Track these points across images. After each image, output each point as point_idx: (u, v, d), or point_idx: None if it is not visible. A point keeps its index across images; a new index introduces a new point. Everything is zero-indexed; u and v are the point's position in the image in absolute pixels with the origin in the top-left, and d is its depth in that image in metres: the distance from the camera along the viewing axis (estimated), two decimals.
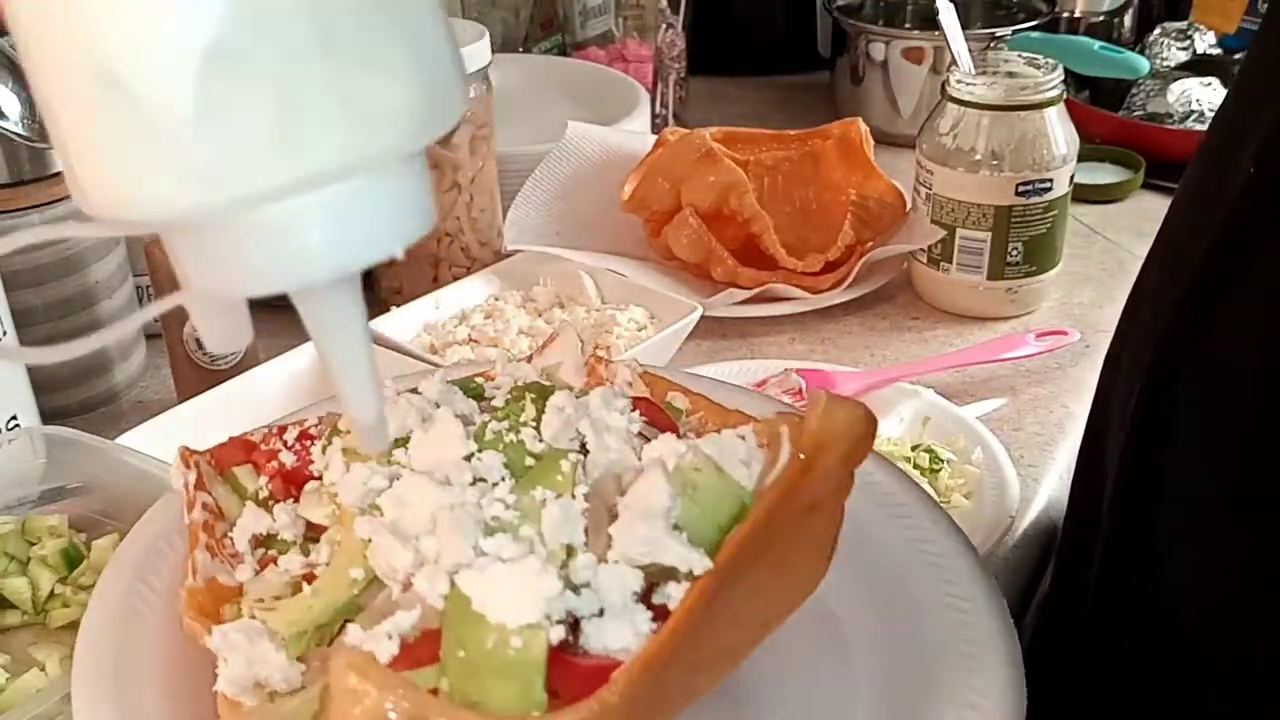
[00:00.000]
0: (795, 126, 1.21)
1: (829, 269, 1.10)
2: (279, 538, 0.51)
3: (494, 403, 0.52)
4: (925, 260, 1.12)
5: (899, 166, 1.20)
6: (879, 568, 0.55)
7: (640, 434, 0.49)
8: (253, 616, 0.47)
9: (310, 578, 0.48)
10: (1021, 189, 1.06)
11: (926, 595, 0.54)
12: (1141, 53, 1.53)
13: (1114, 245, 1.26)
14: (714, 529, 0.44)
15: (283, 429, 0.55)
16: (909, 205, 1.14)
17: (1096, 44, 1.51)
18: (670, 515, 0.43)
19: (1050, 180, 1.06)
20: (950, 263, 1.10)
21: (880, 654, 0.53)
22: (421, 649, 0.42)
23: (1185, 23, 1.59)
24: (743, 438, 0.47)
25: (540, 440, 0.48)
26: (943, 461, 0.87)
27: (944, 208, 1.09)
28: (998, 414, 0.97)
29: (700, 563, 0.42)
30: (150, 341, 1.01)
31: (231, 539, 0.51)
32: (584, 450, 0.48)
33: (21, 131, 0.84)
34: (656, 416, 0.52)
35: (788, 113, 1.57)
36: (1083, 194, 1.27)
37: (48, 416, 0.87)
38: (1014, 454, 0.89)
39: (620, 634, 0.41)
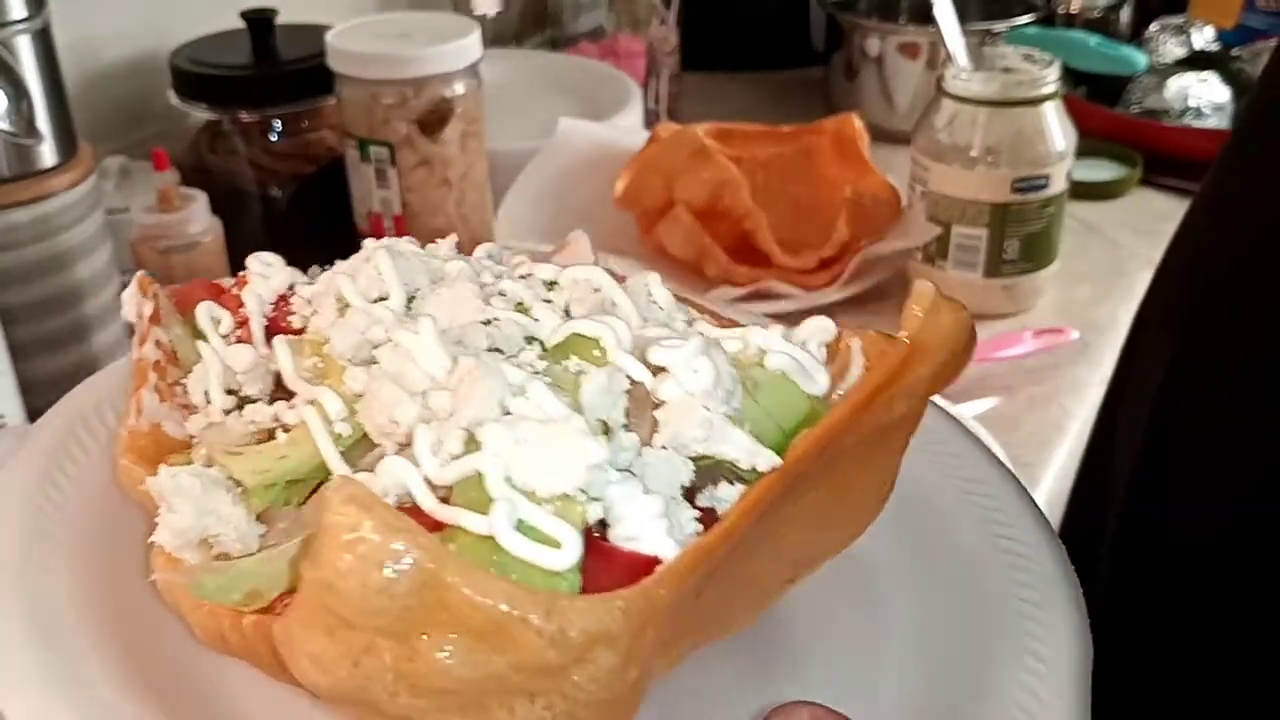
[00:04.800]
0: (789, 122, 1.21)
1: (824, 266, 1.09)
2: (241, 393, 0.44)
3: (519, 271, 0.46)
4: (921, 257, 1.11)
5: (894, 163, 1.19)
6: (920, 509, 0.49)
7: (689, 323, 0.43)
8: (209, 463, 0.40)
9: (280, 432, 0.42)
10: (1018, 185, 1.05)
11: (975, 538, 0.48)
12: (1139, 48, 1.52)
13: (1112, 242, 1.25)
14: (777, 431, 0.38)
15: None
16: (904, 202, 1.13)
17: (1094, 39, 1.51)
18: (732, 401, 0.37)
19: (1047, 177, 1.05)
20: (946, 260, 1.09)
21: (922, 602, 0.47)
22: (421, 515, 0.34)
23: (1183, 18, 1.58)
24: (804, 346, 0.41)
25: (570, 317, 0.42)
26: None
27: (940, 204, 1.08)
28: (994, 413, 0.97)
29: (768, 459, 0.36)
30: None
31: (184, 386, 0.45)
32: None
33: (6, 128, 0.83)
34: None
35: (782, 108, 1.56)
36: (1080, 191, 1.26)
37: (35, 415, 0.86)
38: (1011, 454, 0.88)
39: (665, 530, 0.34)
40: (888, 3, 1.61)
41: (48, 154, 0.87)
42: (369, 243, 0.46)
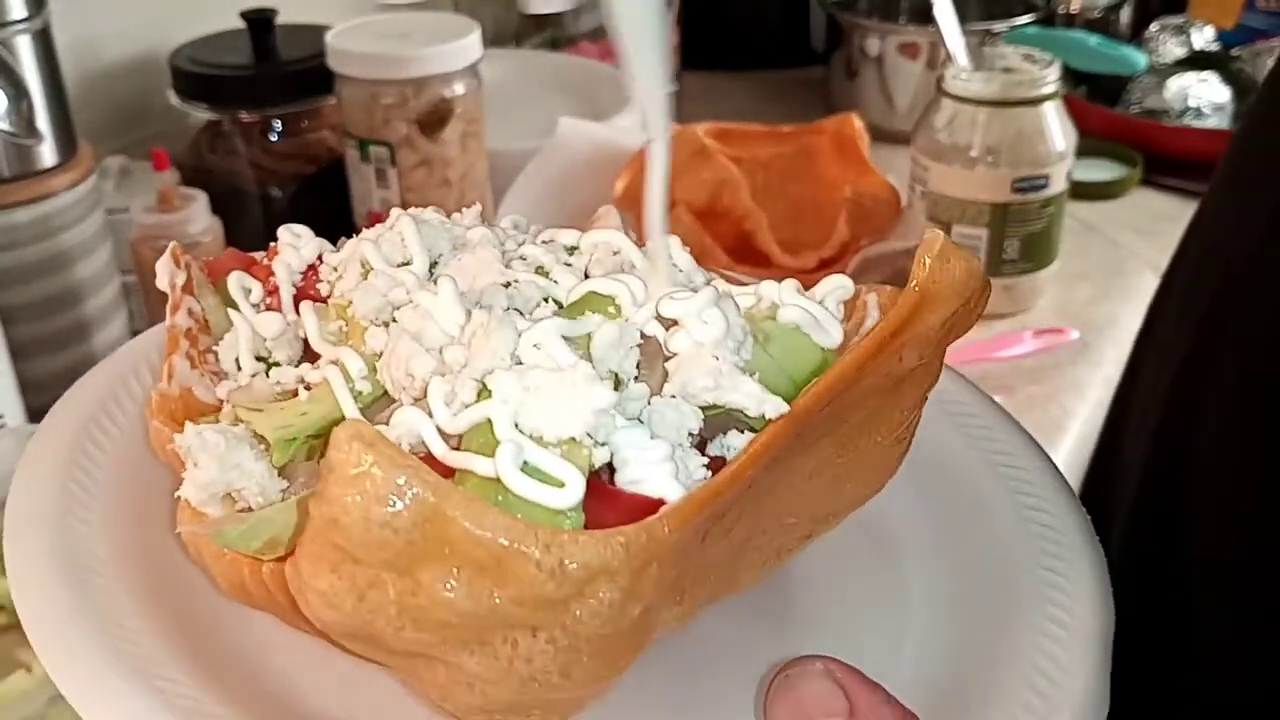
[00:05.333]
0: (789, 122, 1.21)
1: (823, 266, 1.09)
2: (271, 360, 0.45)
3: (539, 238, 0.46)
4: None
5: (894, 163, 1.19)
6: (946, 476, 0.49)
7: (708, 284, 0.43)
8: (234, 422, 0.41)
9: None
10: (1018, 185, 1.05)
11: (1001, 506, 0.47)
12: (1139, 48, 1.52)
13: (1112, 242, 1.25)
14: (789, 383, 0.38)
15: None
16: (904, 202, 1.13)
17: (1094, 39, 1.51)
18: (741, 352, 0.37)
19: (1047, 177, 1.05)
20: None
21: (945, 567, 0.47)
22: (434, 462, 0.35)
23: (1183, 18, 1.58)
24: (821, 303, 0.40)
25: (588, 278, 0.42)
26: None
27: (940, 204, 1.08)
28: None
29: (776, 405, 0.36)
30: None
31: (215, 354, 0.46)
32: None
33: (6, 128, 0.83)
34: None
35: (781, 108, 1.56)
36: (1080, 191, 1.26)
37: (35, 415, 0.86)
38: None
39: (670, 474, 0.35)
40: (888, 3, 1.61)
41: (48, 154, 0.87)
42: (395, 211, 0.47)
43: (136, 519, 0.45)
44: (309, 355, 0.45)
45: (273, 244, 0.48)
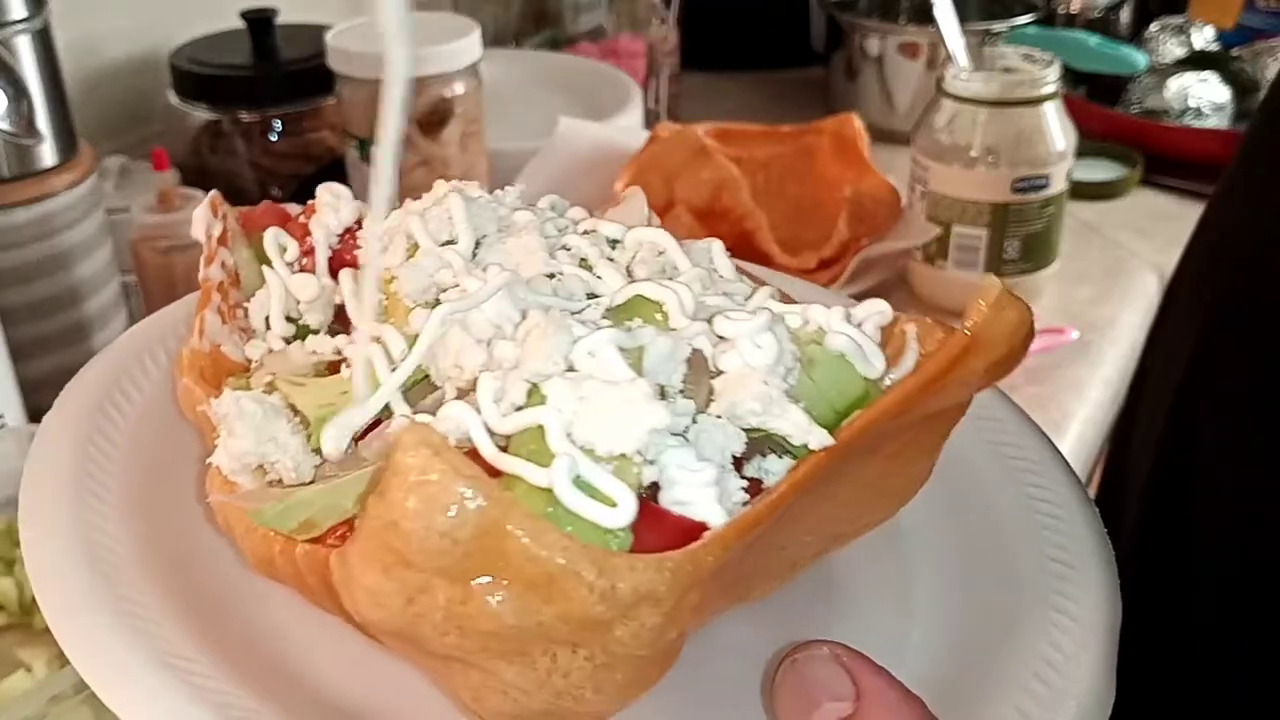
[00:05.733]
0: (789, 122, 1.21)
1: (823, 266, 1.09)
2: (301, 323, 0.45)
3: (580, 226, 0.46)
4: (921, 257, 1.11)
5: (894, 163, 1.19)
6: (956, 470, 0.48)
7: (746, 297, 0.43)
8: (270, 390, 0.41)
9: (339, 366, 0.42)
10: (1018, 185, 1.05)
11: (1010, 500, 0.48)
12: (1139, 48, 1.52)
13: (1112, 242, 1.25)
14: (830, 410, 0.38)
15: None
16: (904, 202, 1.13)
17: (1094, 39, 1.51)
18: (790, 377, 0.37)
19: (1047, 177, 1.05)
20: (946, 260, 1.09)
21: (954, 559, 0.47)
22: (480, 460, 0.34)
23: (1183, 18, 1.58)
24: (860, 328, 0.40)
25: (631, 279, 0.42)
26: None
27: (940, 204, 1.08)
28: None
29: (820, 437, 0.36)
30: None
31: (245, 310, 0.45)
32: None
33: (6, 128, 0.83)
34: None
35: (781, 108, 1.56)
36: (1080, 191, 1.26)
37: (35, 415, 0.86)
38: None
39: (715, 498, 0.35)
40: (888, 3, 1.60)
41: (48, 154, 0.87)
42: (440, 184, 0.46)
43: (152, 498, 0.45)
44: (339, 321, 0.44)
45: (310, 201, 0.48)
